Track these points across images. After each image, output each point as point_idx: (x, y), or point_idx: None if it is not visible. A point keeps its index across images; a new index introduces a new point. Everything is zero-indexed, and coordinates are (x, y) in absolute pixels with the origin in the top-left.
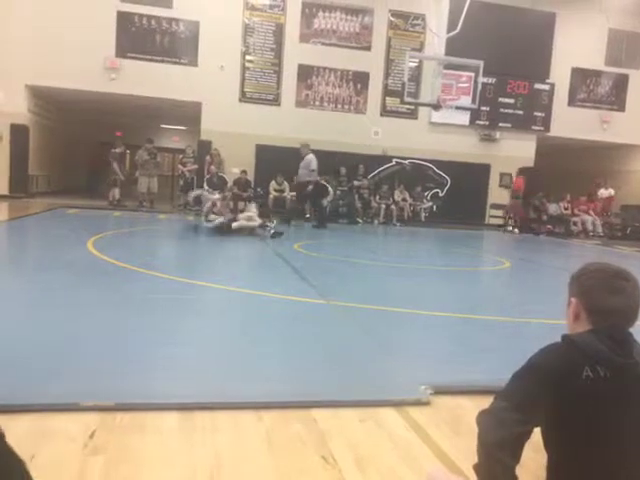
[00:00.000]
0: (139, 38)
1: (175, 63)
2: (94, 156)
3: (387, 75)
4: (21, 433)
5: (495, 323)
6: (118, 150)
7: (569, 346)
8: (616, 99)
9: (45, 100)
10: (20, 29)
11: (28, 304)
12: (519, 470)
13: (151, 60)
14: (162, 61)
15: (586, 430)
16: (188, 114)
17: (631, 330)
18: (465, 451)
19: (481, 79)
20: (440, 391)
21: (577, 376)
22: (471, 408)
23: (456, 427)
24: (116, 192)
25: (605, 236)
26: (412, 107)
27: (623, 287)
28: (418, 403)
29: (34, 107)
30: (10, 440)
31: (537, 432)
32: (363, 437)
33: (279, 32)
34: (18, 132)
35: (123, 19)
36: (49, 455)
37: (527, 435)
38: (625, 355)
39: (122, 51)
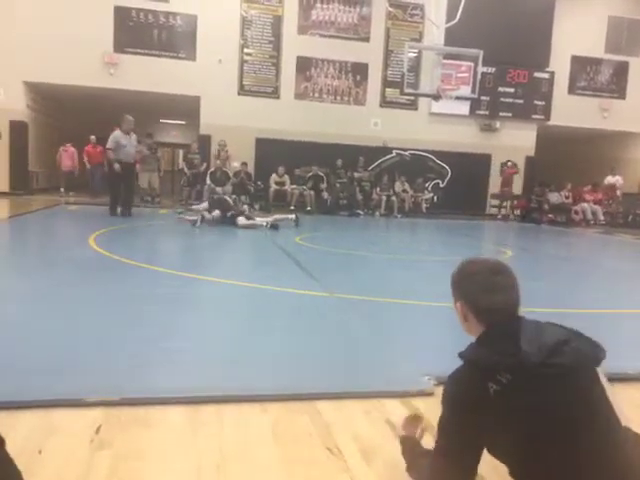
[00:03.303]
0: (137, 33)
1: (173, 57)
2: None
3: (386, 66)
4: (28, 429)
5: None
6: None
7: (468, 367)
8: (616, 87)
9: (44, 96)
10: (18, 26)
11: (31, 301)
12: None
13: (149, 55)
14: (160, 56)
15: (519, 438)
16: (187, 108)
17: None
18: None
19: (480, 68)
20: (443, 381)
21: (486, 394)
22: None
23: None
24: None
25: (607, 224)
26: (412, 98)
27: (498, 282)
28: (422, 394)
29: (33, 103)
30: (17, 436)
31: None
32: (368, 428)
33: (277, 24)
34: (17, 129)
35: (120, 14)
36: (56, 450)
37: (476, 471)
38: (515, 353)
39: (120, 46)
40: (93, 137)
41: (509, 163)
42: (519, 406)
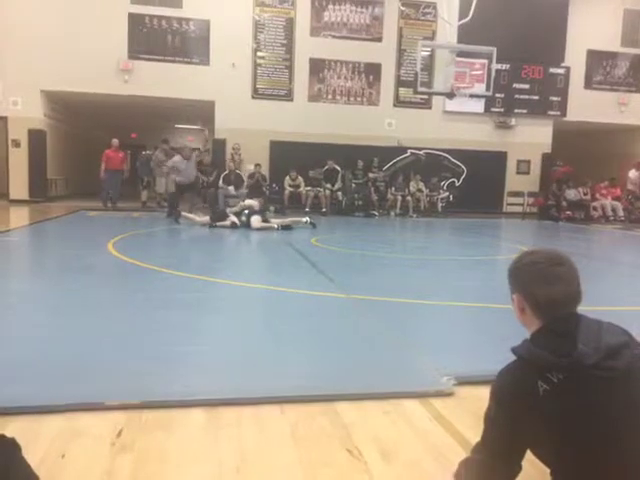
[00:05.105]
0: (151, 39)
1: (187, 63)
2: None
3: (399, 65)
4: (51, 433)
5: None
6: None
7: (520, 363)
8: (634, 80)
9: (61, 104)
10: (34, 35)
11: (52, 306)
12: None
13: (163, 60)
14: (174, 61)
15: (567, 439)
16: (202, 113)
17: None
18: None
19: (495, 66)
20: (463, 381)
21: (535, 393)
22: None
23: (480, 417)
24: (144, 194)
25: (626, 220)
26: (426, 97)
27: (559, 274)
28: (441, 394)
29: (50, 112)
30: (41, 440)
31: None
32: (387, 429)
33: (289, 27)
34: (35, 137)
35: (134, 21)
36: (78, 454)
37: (520, 466)
38: (569, 353)
39: (134, 53)
40: (116, 140)
41: (558, 163)
42: (567, 407)
